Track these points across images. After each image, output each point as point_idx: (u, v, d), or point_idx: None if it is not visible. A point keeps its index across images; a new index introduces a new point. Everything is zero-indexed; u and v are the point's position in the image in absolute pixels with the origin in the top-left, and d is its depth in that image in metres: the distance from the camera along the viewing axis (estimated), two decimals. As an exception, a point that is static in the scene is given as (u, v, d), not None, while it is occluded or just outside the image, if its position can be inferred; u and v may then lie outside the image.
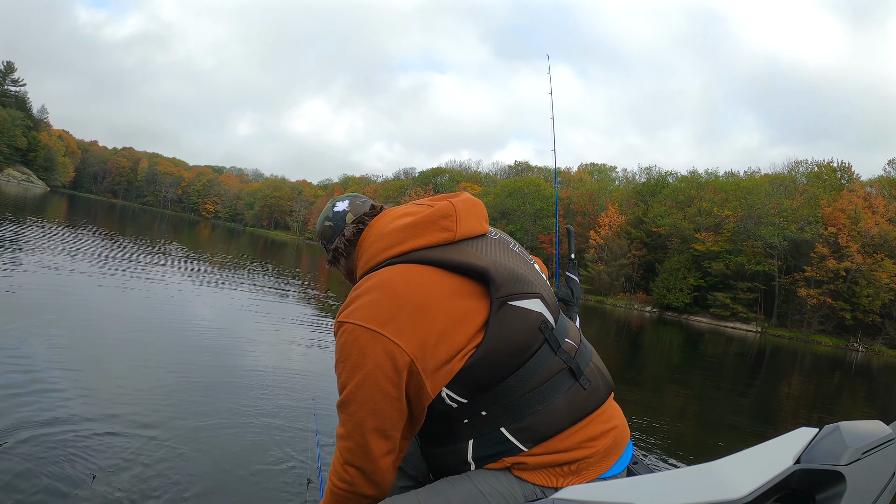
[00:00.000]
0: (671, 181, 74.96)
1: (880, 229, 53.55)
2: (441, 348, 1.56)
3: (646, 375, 13.26)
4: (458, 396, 1.61)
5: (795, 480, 1.39)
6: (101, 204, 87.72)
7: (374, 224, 1.86)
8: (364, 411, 1.56)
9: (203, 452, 4.08)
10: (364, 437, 1.58)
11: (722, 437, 7.66)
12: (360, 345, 1.55)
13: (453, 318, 1.58)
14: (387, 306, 1.57)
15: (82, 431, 3.96)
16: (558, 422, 1.61)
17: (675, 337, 30.17)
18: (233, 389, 5.77)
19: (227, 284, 14.53)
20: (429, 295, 1.58)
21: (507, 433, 1.60)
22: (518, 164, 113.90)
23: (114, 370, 5.55)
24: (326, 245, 2.02)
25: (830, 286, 53.67)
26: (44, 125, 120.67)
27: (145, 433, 4.17)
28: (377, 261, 1.73)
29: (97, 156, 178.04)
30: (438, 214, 1.72)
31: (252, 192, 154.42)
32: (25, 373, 4.83)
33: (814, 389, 16.83)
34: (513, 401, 1.60)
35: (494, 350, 1.57)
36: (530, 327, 1.63)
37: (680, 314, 60.01)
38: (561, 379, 1.65)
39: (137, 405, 4.70)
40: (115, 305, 8.68)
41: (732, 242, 59.48)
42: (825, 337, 53.30)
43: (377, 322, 1.55)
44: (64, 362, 5.35)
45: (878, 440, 1.41)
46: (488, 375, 1.59)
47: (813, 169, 66.52)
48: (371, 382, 1.54)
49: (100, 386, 4.98)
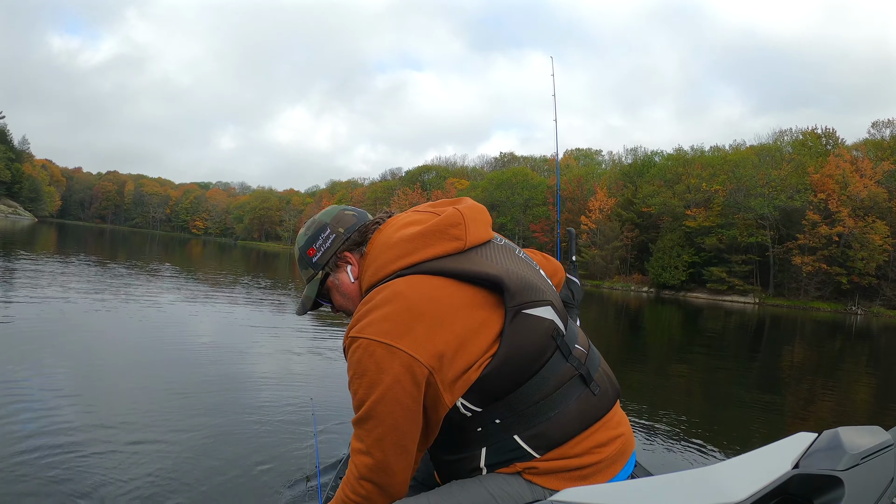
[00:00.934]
0: (658, 160, 75.19)
1: (869, 192, 53.83)
2: (458, 360, 1.55)
3: (648, 356, 13.23)
4: (473, 406, 1.60)
5: (793, 485, 1.38)
6: (91, 230, 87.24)
7: (378, 234, 1.79)
8: (383, 427, 1.54)
9: (202, 454, 4.15)
10: (384, 452, 1.55)
11: (728, 413, 7.62)
12: (376, 360, 1.52)
13: (469, 329, 1.56)
14: (402, 319, 1.54)
15: (84, 443, 4.03)
16: (570, 428, 1.61)
17: (673, 315, 30.19)
18: (231, 394, 5.83)
19: (222, 300, 14.44)
20: (444, 307, 1.56)
21: (519, 440, 1.60)
22: (504, 155, 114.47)
23: (113, 387, 5.63)
24: (343, 232, 1.85)
25: (824, 252, 53.98)
26: (26, 156, 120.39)
27: (144, 441, 4.24)
28: (387, 272, 1.68)
29: (82, 182, 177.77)
30: (447, 223, 1.69)
31: (240, 205, 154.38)
32: (25, 399, 4.83)
33: (816, 356, 16.86)
34: (526, 408, 1.60)
35: (510, 359, 1.56)
36: (543, 335, 1.62)
37: (677, 292, 60.21)
38: (572, 386, 1.65)
39: (136, 415, 4.80)
40: (110, 329, 8.62)
41: (723, 216, 59.72)
42: (823, 303, 53.60)
43: (393, 336, 1.52)
44: (62, 385, 5.37)
45: (876, 446, 1.41)
46: (503, 384, 1.58)
47: (798, 137, 66.89)
48: (390, 398, 1.52)
49: (99, 400, 5.09)
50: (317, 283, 1.89)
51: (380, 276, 1.69)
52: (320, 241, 1.86)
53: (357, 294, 1.84)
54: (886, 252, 52.52)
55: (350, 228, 1.85)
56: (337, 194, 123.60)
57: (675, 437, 5.82)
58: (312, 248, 1.88)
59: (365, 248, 1.81)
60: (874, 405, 9.35)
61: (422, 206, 1.87)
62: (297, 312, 2.00)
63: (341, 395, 6.13)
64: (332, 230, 1.85)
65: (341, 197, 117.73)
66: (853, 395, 10.03)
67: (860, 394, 10.38)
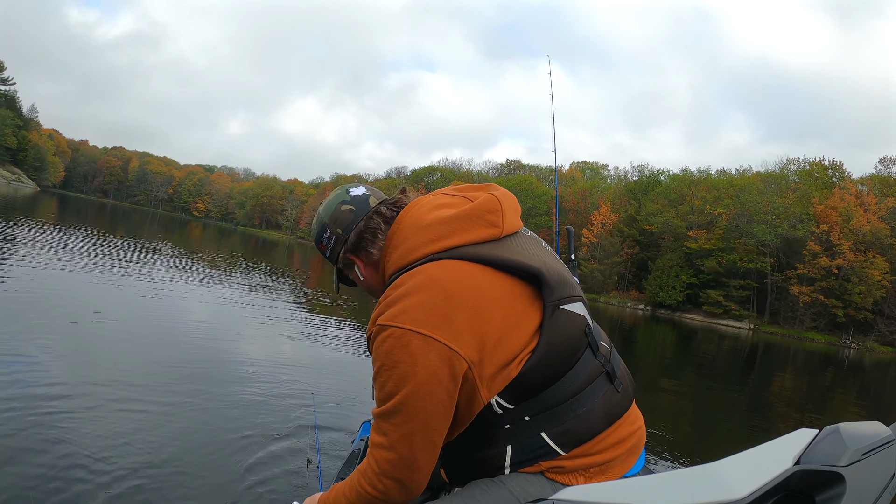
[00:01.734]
0: (663, 179, 75.09)
1: (872, 227, 53.81)
2: (498, 354, 1.48)
3: (639, 374, 13.19)
4: (506, 402, 1.53)
5: (795, 481, 1.38)
6: (92, 203, 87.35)
7: (406, 214, 1.69)
8: (414, 422, 1.46)
9: (201, 445, 4.11)
10: (411, 448, 1.48)
11: (715, 436, 7.61)
12: (410, 351, 1.43)
13: (509, 321, 1.50)
14: (439, 308, 1.45)
15: (79, 430, 3.92)
16: (596, 425, 1.58)
17: (668, 335, 30.19)
18: (231, 385, 5.80)
19: (220, 283, 14.44)
20: (484, 296, 1.49)
21: (546, 438, 1.54)
22: (510, 162, 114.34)
23: (108, 370, 5.49)
24: (341, 234, 1.77)
25: (823, 284, 53.93)
26: (34, 124, 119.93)
27: (142, 432, 4.15)
28: (417, 255, 1.58)
29: (87, 155, 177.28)
30: (484, 208, 1.61)
31: (243, 191, 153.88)
32: (20, 379, 4.72)
33: (807, 386, 16.86)
34: (557, 405, 1.55)
35: (549, 355, 1.52)
36: (578, 332, 1.59)
37: (673, 312, 60.12)
38: (600, 383, 1.62)
39: (134, 404, 4.68)
40: (108, 304, 8.57)
41: (725, 240, 59.64)
42: (817, 334, 53.50)
43: (430, 326, 1.44)
44: (56, 364, 5.27)
45: (877, 441, 1.40)
46: (540, 381, 1.53)
47: (805, 167, 66.77)
48: (425, 392, 1.44)
49: (94, 386, 4.92)
50: (336, 272, 1.89)
51: (409, 259, 1.60)
52: (325, 241, 1.81)
53: (377, 284, 1.78)
54: (884, 288, 52.46)
55: (347, 229, 1.76)
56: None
57: (657, 453, 5.80)
58: (322, 245, 1.83)
59: (371, 250, 1.74)
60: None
61: (448, 189, 1.80)
62: (335, 290, 1.97)
63: (342, 390, 6.15)
64: (331, 231, 1.79)
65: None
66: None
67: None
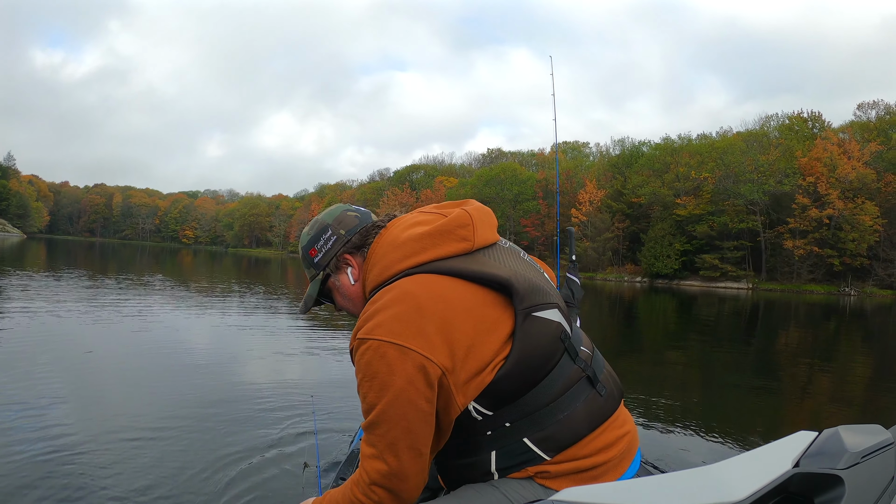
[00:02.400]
0: (645, 150, 75.21)
1: (857, 173, 54.11)
2: (471, 361, 1.53)
3: (643, 346, 13.18)
4: (484, 409, 1.58)
5: (794, 484, 1.39)
6: (80, 244, 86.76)
7: (383, 235, 1.77)
8: (397, 430, 1.50)
9: (201, 450, 4.22)
10: (397, 457, 1.52)
11: (725, 401, 7.55)
12: (387, 361, 1.49)
13: (480, 329, 1.55)
14: (412, 319, 1.51)
15: (86, 452, 4.01)
16: (579, 429, 1.61)
17: (667, 303, 30.21)
18: (230, 395, 5.91)
19: (216, 308, 14.37)
20: (455, 306, 1.55)
21: (529, 443, 1.58)
22: (491, 151, 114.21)
23: (111, 397, 5.61)
24: (344, 234, 1.83)
25: (815, 235, 54.25)
26: (12, 172, 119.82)
27: (141, 439, 4.34)
28: (393, 271, 1.66)
29: (70, 196, 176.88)
30: (455, 224, 1.68)
31: (229, 212, 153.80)
32: (25, 415, 4.74)
33: (812, 338, 16.85)
34: (536, 411, 1.58)
35: (522, 362, 1.55)
36: (552, 338, 1.62)
37: (670, 280, 60.38)
38: (580, 387, 1.65)
39: (135, 419, 4.81)
40: (105, 342, 8.53)
41: (713, 203, 59.91)
42: (816, 285, 53.82)
43: (404, 336, 1.49)
44: (60, 399, 5.28)
45: (876, 444, 1.43)
46: (515, 387, 1.56)
47: (784, 121, 67.07)
48: (403, 400, 1.49)
49: (98, 410, 5.04)
50: (318, 283, 1.88)
51: (386, 275, 1.67)
52: (321, 242, 1.84)
53: (358, 296, 1.83)
54: (877, 232, 52.80)
55: (351, 230, 1.83)
56: (326, 197, 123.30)
57: (673, 429, 5.74)
58: (314, 249, 1.86)
59: (367, 250, 1.79)
60: (870, 385, 9.32)
61: (428, 208, 1.86)
62: (300, 311, 1.98)
63: (341, 393, 6.17)
64: (333, 231, 1.83)
65: (330, 200, 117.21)
66: (850, 377, 9.99)
67: (857, 374, 10.36)
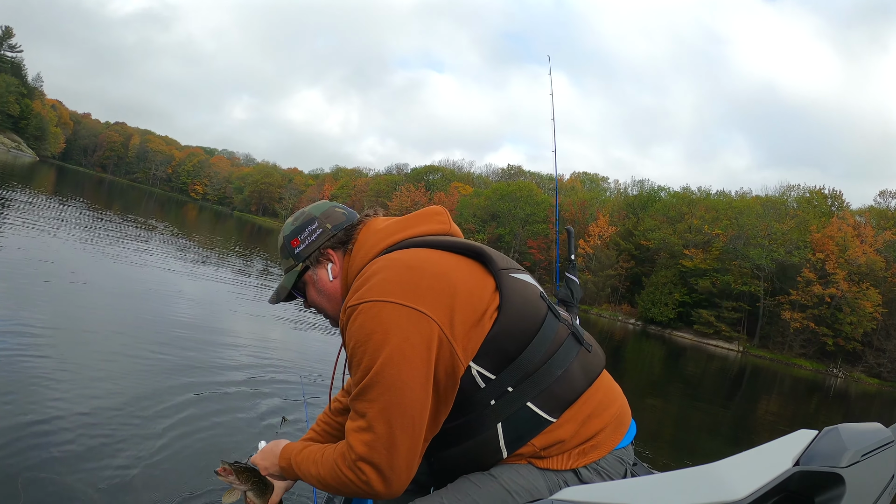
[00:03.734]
0: (663, 196, 75.16)
1: (867, 258, 53.95)
2: (465, 312, 1.52)
3: (625, 387, 13.10)
4: (487, 371, 1.54)
5: (795, 482, 1.37)
6: (90, 177, 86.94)
7: (365, 225, 1.81)
8: (390, 394, 1.44)
9: (190, 436, 4.09)
10: (389, 426, 1.45)
11: (696, 455, 7.52)
12: (382, 319, 1.46)
13: (468, 283, 1.55)
14: (403, 279, 1.51)
15: (63, 423, 3.76)
16: (577, 384, 1.61)
17: (657, 351, 30.17)
18: (221, 365, 5.88)
19: (214, 267, 14.33)
20: (441, 264, 1.57)
21: (533, 406, 1.55)
22: (511, 167, 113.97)
23: (98, 353, 5.36)
24: (330, 228, 1.81)
25: (814, 311, 54.08)
26: (38, 94, 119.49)
27: (126, 416, 4.10)
28: (375, 252, 1.69)
29: (89, 128, 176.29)
30: (431, 211, 1.79)
31: (242, 176, 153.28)
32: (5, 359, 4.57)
33: (791, 412, 16.84)
34: (536, 369, 1.56)
35: (514, 313, 1.56)
36: (534, 294, 1.66)
37: (663, 328, 60.21)
38: (570, 343, 1.65)
39: (118, 390, 4.57)
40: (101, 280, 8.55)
41: (720, 261, 59.76)
42: (806, 361, 53.63)
43: (397, 294, 1.48)
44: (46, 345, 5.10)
45: (877, 442, 1.41)
46: (513, 343, 1.55)
47: (804, 194, 66.87)
48: (398, 358, 1.44)
49: (83, 372, 4.75)
50: (294, 274, 1.84)
51: (369, 256, 1.69)
52: (306, 234, 1.82)
53: (334, 292, 1.81)
54: (875, 320, 52.63)
55: (338, 226, 1.82)
56: (340, 180, 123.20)
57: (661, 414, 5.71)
58: (297, 240, 1.84)
59: (350, 246, 1.78)
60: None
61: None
62: (270, 301, 1.94)
63: (330, 368, 6.14)
64: (319, 224, 1.82)
65: (344, 184, 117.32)
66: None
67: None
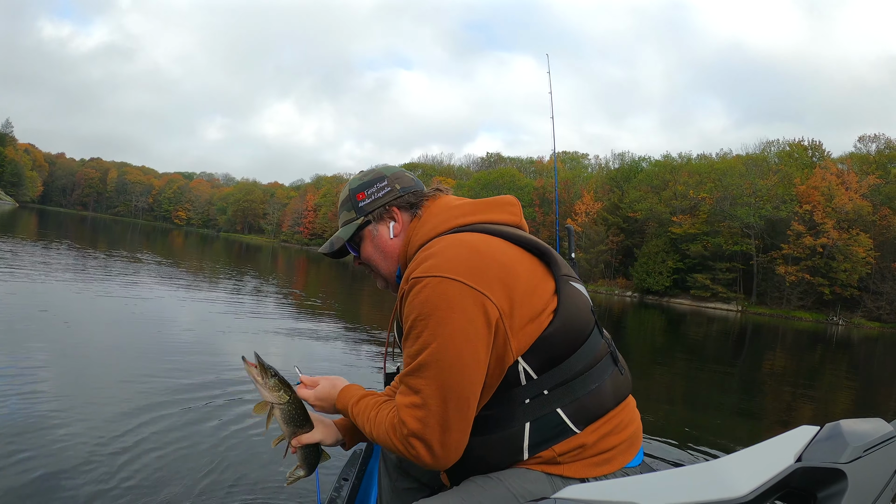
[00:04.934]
0: (645, 166, 75.31)
1: (854, 205, 54.29)
2: (526, 306, 1.51)
3: (631, 361, 13.02)
4: (532, 370, 1.53)
5: (796, 479, 1.36)
6: (72, 217, 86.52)
7: (434, 201, 1.79)
8: (448, 374, 1.45)
9: (190, 439, 4.21)
10: (444, 404, 1.46)
11: (710, 418, 7.46)
12: (447, 297, 1.45)
13: (532, 278, 1.55)
14: (472, 261, 1.50)
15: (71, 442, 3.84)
16: (606, 402, 1.60)
17: (657, 320, 30.18)
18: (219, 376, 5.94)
19: (204, 290, 14.22)
20: (508, 255, 1.56)
21: (562, 414, 1.54)
22: (490, 155, 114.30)
23: (99, 379, 5.43)
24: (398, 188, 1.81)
25: (808, 262, 54.37)
26: (9, 139, 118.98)
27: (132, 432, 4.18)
28: (445, 227, 1.68)
29: (65, 168, 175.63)
30: (504, 201, 1.79)
31: (224, 196, 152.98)
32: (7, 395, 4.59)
33: (796, 364, 16.85)
34: (573, 379, 1.56)
35: (568, 319, 1.55)
36: (586, 306, 1.65)
37: (660, 297, 60.39)
38: (607, 362, 1.65)
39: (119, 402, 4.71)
40: (95, 318, 8.51)
41: (709, 224, 59.96)
42: (805, 312, 53.94)
43: (465, 275, 1.47)
44: (48, 381, 5.13)
45: (879, 438, 1.41)
46: (561, 348, 1.55)
47: (784, 148, 67.12)
48: (461, 339, 1.44)
49: (85, 394, 4.87)
50: (353, 227, 1.82)
51: (438, 230, 1.68)
52: (374, 189, 1.81)
53: (393, 251, 1.80)
54: (869, 265, 52.97)
55: (406, 188, 1.81)
56: (322, 189, 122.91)
57: (655, 443, 5.64)
58: (363, 193, 1.82)
59: (418, 210, 1.78)
60: (854, 412, 9.24)
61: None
62: (322, 250, 1.92)
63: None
64: (389, 183, 1.81)
65: (326, 191, 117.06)
66: (833, 403, 9.96)
67: (840, 402, 10.33)
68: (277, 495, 3.54)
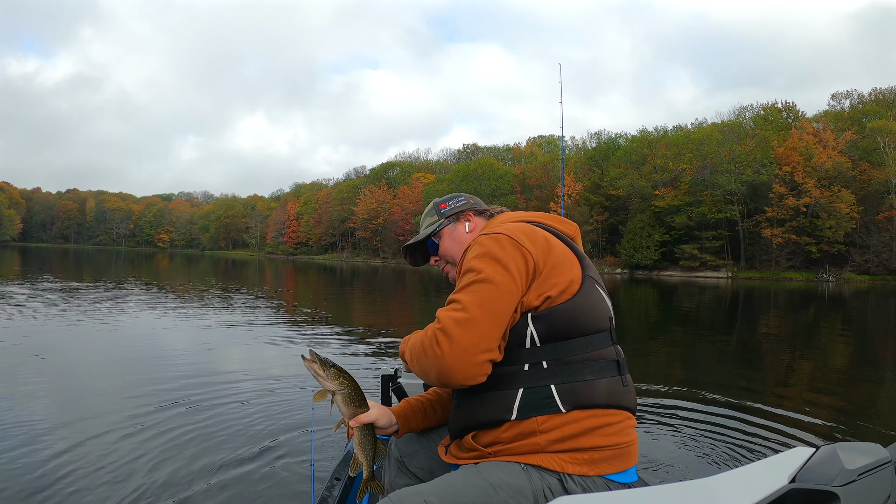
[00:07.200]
0: (622, 143, 75.36)
1: (833, 162, 54.62)
2: (553, 274, 1.76)
3: (625, 338, 13.00)
4: (538, 335, 1.73)
5: (790, 500, 1.38)
6: (54, 251, 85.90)
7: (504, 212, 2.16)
8: (490, 290, 1.68)
9: (195, 448, 4.34)
10: (482, 310, 1.65)
11: (711, 389, 7.36)
12: (502, 245, 1.75)
13: (565, 260, 1.81)
14: (525, 231, 1.82)
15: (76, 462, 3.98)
16: (597, 398, 1.72)
17: (648, 295, 30.19)
18: (223, 391, 6.07)
19: (195, 311, 14.07)
20: (552, 238, 1.85)
21: (554, 390, 1.70)
22: (467, 146, 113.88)
23: (98, 404, 5.55)
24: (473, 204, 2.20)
25: (793, 223, 54.66)
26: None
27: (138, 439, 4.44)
28: (510, 221, 1.99)
29: (42, 202, 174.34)
30: (563, 219, 2.06)
31: (205, 214, 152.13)
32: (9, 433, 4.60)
33: (792, 324, 16.87)
34: (572, 362, 1.73)
35: (583, 304, 1.76)
36: (605, 309, 1.84)
37: (650, 271, 60.56)
38: (609, 364, 1.78)
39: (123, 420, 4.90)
40: (89, 348, 8.54)
41: (691, 194, 60.12)
42: (795, 272, 54.26)
43: (519, 237, 1.77)
44: (47, 413, 5.23)
45: (874, 462, 1.44)
46: (568, 326, 1.74)
47: (759, 112, 67.36)
48: (506, 275, 1.69)
49: (85, 415, 5.06)
50: (436, 225, 2.16)
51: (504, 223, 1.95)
52: (454, 201, 2.20)
53: (468, 242, 2.06)
54: (853, 220, 53.37)
55: (478, 204, 2.21)
56: (302, 196, 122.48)
57: (660, 424, 5.54)
58: (445, 203, 2.20)
59: (490, 215, 2.16)
60: (851, 370, 9.25)
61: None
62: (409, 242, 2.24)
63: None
64: (466, 200, 2.21)
65: (307, 199, 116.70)
66: (830, 362, 9.96)
67: (837, 359, 10.32)
68: (273, 492, 3.64)
